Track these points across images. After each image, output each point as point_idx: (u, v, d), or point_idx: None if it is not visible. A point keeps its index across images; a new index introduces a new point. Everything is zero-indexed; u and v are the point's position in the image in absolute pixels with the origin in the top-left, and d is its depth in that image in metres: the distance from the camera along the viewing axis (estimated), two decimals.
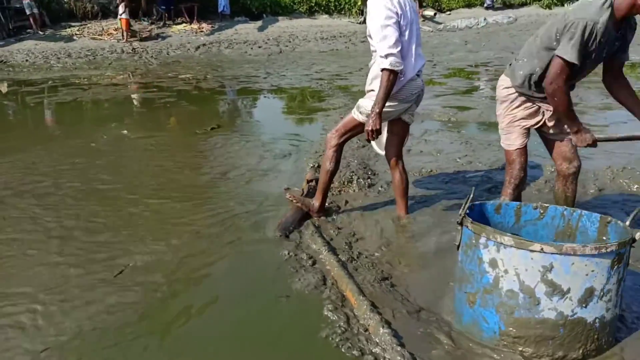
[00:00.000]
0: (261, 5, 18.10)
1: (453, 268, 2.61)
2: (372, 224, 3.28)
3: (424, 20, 18.26)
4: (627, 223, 2.00)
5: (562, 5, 20.29)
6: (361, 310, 2.19)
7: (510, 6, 20.03)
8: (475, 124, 5.90)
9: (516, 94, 2.64)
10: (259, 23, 17.47)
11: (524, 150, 2.69)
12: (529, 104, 2.63)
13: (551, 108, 2.58)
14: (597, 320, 1.91)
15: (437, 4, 19.73)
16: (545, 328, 1.91)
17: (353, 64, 11.97)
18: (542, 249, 1.83)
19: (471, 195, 2.11)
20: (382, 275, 2.57)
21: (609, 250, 1.82)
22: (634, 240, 1.90)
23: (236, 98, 8.74)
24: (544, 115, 2.65)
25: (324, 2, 18.59)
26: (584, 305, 1.88)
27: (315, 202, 3.35)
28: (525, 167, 2.72)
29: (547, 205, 2.33)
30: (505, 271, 1.92)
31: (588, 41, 2.25)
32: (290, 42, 15.90)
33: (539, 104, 2.62)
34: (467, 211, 2.07)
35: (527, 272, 1.88)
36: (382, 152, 3.44)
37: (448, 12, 19.64)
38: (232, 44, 15.30)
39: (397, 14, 2.79)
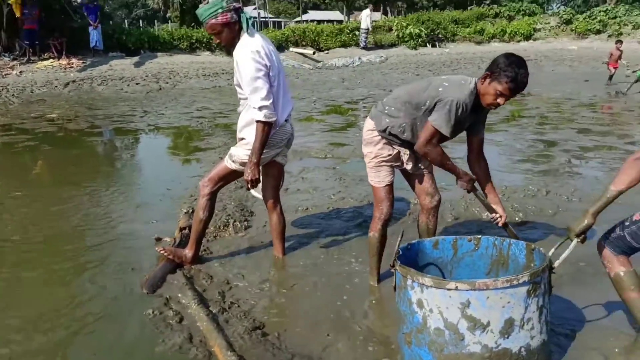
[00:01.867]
0: (138, 41, 17.48)
1: (328, 311, 2.69)
2: (247, 270, 3.24)
3: (304, 57, 18.99)
4: (551, 252, 2.17)
5: (425, 46, 22.40)
6: None
7: (382, 46, 21.62)
8: (349, 160, 6.18)
9: (379, 137, 2.81)
10: (136, 59, 16.81)
11: (391, 187, 2.86)
12: (390, 147, 2.82)
13: (408, 152, 2.79)
14: (522, 348, 1.99)
15: (315, 43, 20.65)
16: None
17: (235, 101, 11.93)
18: (456, 287, 1.94)
19: (400, 239, 2.19)
20: (254, 325, 2.53)
21: (521, 281, 1.94)
22: (551, 268, 2.09)
23: (108, 139, 8.25)
24: (403, 157, 2.85)
25: (205, 39, 18.49)
26: (506, 336, 1.97)
27: (189, 253, 3.24)
28: (393, 203, 2.89)
29: (479, 237, 2.48)
30: (431, 310, 2.00)
31: (459, 117, 2.54)
32: (170, 78, 15.49)
33: (398, 148, 2.82)
34: (399, 253, 2.17)
35: (449, 310, 1.97)
36: (260, 196, 3.45)
37: (326, 51, 20.63)
38: (106, 81, 14.50)
39: (266, 66, 2.87)
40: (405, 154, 2.83)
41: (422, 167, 2.90)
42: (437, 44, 22.67)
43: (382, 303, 2.87)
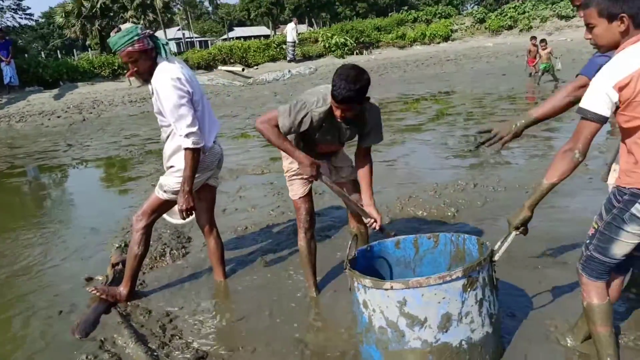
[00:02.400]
0: (56, 73, 16.69)
1: (275, 332, 2.65)
2: (188, 298, 3.15)
3: (234, 74, 18.87)
4: (497, 246, 2.17)
5: (352, 54, 22.92)
6: None
7: (310, 58, 21.89)
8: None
9: None
10: (55, 91, 16.02)
11: (307, 198, 2.87)
12: None
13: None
14: (463, 342, 2.05)
15: (244, 59, 20.60)
16: (416, 357, 2.05)
17: None
18: (392, 286, 2.01)
19: (350, 242, 2.32)
20: (197, 356, 2.46)
21: (454, 277, 1.99)
22: (492, 260, 2.13)
23: (31, 179, 7.79)
24: None
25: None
26: (444, 330, 2.02)
27: (123, 290, 3.11)
28: (311, 212, 2.89)
29: (437, 234, 2.56)
30: (374, 310, 2.09)
31: (301, 120, 2.53)
32: (94, 108, 14.89)
33: None
34: (351, 257, 2.25)
35: (388, 309, 2.04)
36: (177, 221, 3.33)
37: (255, 67, 20.62)
38: (24, 117, 13.71)
39: (188, 92, 2.82)
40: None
41: (343, 177, 2.94)
42: (364, 51, 23.23)
43: (327, 313, 2.88)
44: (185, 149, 2.82)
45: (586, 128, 1.84)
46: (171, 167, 3.02)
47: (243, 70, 19.33)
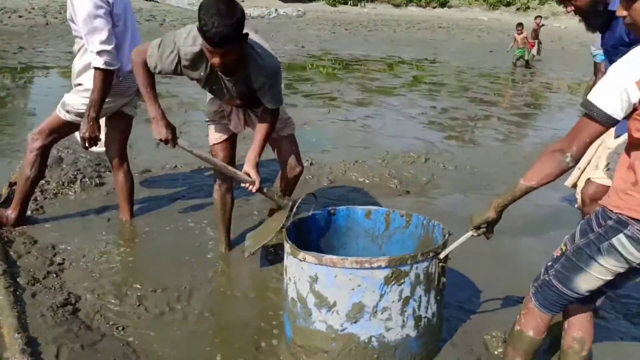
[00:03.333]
0: None
1: (167, 280, 2.42)
2: (82, 234, 2.87)
3: None
4: (454, 246, 1.88)
5: (346, 4, 22.06)
6: (12, 352, 1.80)
7: (301, 0, 20.98)
8: None
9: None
10: None
11: (224, 145, 2.56)
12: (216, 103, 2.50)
13: (228, 109, 2.50)
14: (373, 338, 1.82)
15: None
16: (319, 340, 1.86)
17: None
18: (304, 258, 1.80)
19: (295, 209, 2.18)
20: (66, 300, 2.20)
21: (374, 265, 1.73)
22: (437, 255, 1.85)
23: None
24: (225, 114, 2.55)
25: None
26: (353, 320, 1.80)
27: (12, 213, 2.82)
28: (229, 162, 2.55)
29: (411, 213, 2.27)
30: (290, 279, 1.93)
31: (169, 59, 2.15)
32: (60, 13, 13.91)
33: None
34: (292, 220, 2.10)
35: (300, 282, 1.86)
36: (102, 149, 3.03)
37: (242, 0, 19.64)
38: None
39: (108, 2, 2.47)
40: (225, 110, 2.54)
41: (279, 134, 2.63)
42: (353, 2, 22.37)
43: (230, 271, 2.66)
44: (95, 68, 2.49)
45: (587, 128, 1.47)
46: (79, 85, 2.68)
47: None
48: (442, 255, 1.86)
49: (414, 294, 1.82)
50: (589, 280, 1.58)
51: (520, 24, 12.24)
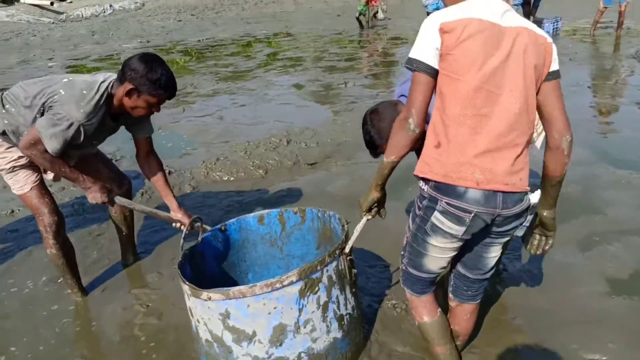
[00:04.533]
0: None
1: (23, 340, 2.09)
2: None
3: (42, 9, 16.04)
4: (351, 242, 1.81)
5: None
6: None
7: None
8: None
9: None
10: None
11: (41, 188, 2.27)
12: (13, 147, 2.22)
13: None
14: (302, 354, 1.73)
15: None
16: None
17: None
18: (210, 297, 1.65)
19: (182, 242, 2.02)
20: None
21: (286, 282, 1.61)
22: (342, 251, 1.78)
23: None
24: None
25: None
26: (278, 344, 1.68)
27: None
28: (54, 205, 2.29)
29: (304, 208, 2.21)
30: (198, 320, 1.77)
31: (74, 137, 2.00)
32: None
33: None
34: (182, 258, 1.92)
35: (211, 321, 1.71)
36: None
37: (69, 0, 17.80)
38: None
39: None
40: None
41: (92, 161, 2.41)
42: None
43: (92, 317, 2.39)
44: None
45: (416, 85, 1.46)
46: None
47: (52, 4, 16.56)
48: (347, 249, 1.81)
49: (332, 297, 1.77)
50: (434, 261, 1.62)
51: None
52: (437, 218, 1.51)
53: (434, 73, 1.45)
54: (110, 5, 17.28)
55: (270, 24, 14.83)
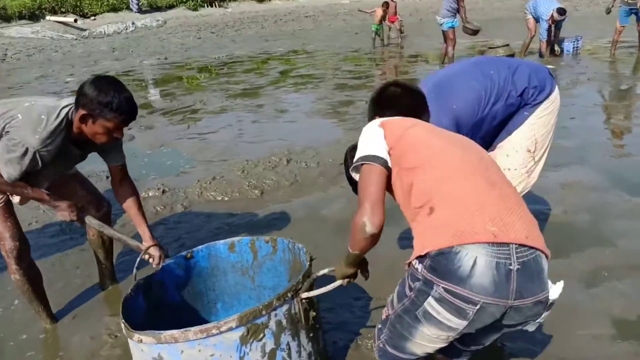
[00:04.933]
0: None
1: None
2: None
3: (65, 26, 16.45)
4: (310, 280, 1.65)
5: (211, 5, 21.38)
6: None
7: (158, 9, 19.97)
8: None
9: None
10: None
11: (6, 212, 2.16)
12: None
13: None
14: None
15: (78, 9, 18.05)
16: None
17: None
18: (141, 339, 1.52)
19: (135, 271, 1.92)
20: None
21: (223, 328, 1.46)
22: (297, 294, 1.58)
23: None
24: None
25: None
26: None
27: None
28: (16, 232, 2.18)
29: (275, 238, 2.09)
30: None
31: (31, 164, 1.91)
32: None
33: None
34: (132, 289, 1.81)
35: None
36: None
37: (93, 18, 18.23)
38: None
39: None
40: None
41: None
42: (215, 3, 21.78)
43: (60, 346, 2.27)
44: None
45: (366, 176, 1.37)
46: None
47: (76, 21, 16.98)
48: (303, 295, 1.61)
49: (280, 344, 1.59)
50: (419, 347, 1.39)
51: (386, 3, 12.52)
52: (431, 305, 1.26)
53: (384, 163, 1.43)
54: (133, 23, 17.63)
55: (288, 41, 14.88)
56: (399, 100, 1.65)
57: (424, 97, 1.69)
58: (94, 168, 4.22)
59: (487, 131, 2.04)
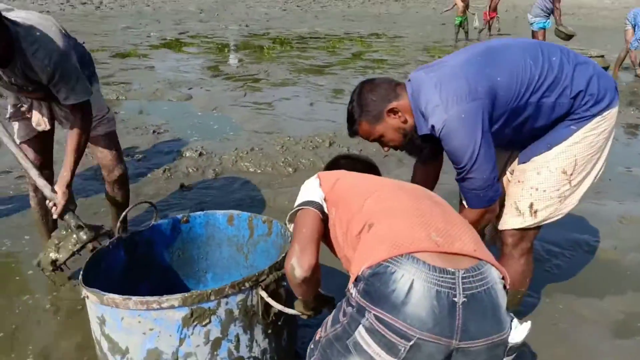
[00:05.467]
0: None
1: None
2: None
3: None
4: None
5: None
6: None
7: None
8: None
9: None
10: None
11: (36, 140, 2.23)
12: None
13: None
14: None
15: None
16: None
17: None
18: (87, 296, 1.50)
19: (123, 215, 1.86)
20: None
21: (165, 305, 1.40)
22: (257, 284, 1.48)
23: None
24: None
25: None
26: None
27: None
28: (43, 160, 2.25)
29: (271, 219, 2.00)
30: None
31: None
32: None
33: None
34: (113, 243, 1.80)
35: (92, 322, 1.59)
36: None
37: None
38: None
39: None
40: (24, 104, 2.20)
41: (101, 131, 2.26)
42: None
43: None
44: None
45: (300, 220, 1.29)
46: None
47: None
48: (263, 293, 1.47)
49: (228, 334, 1.49)
50: None
51: None
52: (361, 336, 1.08)
53: (319, 207, 1.36)
54: None
55: (370, 23, 14.57)
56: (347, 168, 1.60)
57: (374, 168, 1.67)
58: (155, 121, 4.29)
59: (522, 127, 1.75)
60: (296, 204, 1.36)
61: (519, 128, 1.74)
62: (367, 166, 1.64)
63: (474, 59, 1.69)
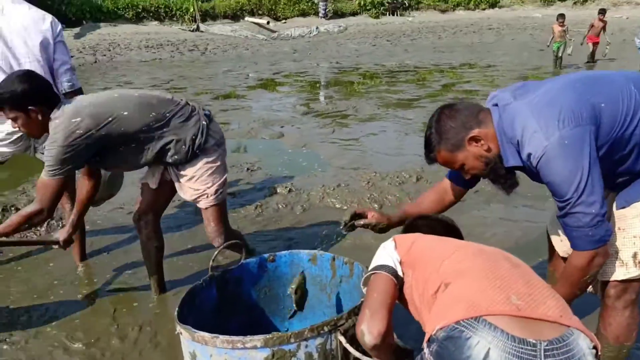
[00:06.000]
0: (79, 11, 16.61)
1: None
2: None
3: (259, 27, 18.27)
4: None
5: (393, 14, 21.70)
6: None
7: (343, 15, 20.94)
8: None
9: None
10: (77, 30, 16.01)
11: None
12: None
13: None
14: None
15: (272, 12, 19.90)
16: None
17: (169, 75, 11.42)
18: (181, 332, 1.61)
19: (215, 252, 1.97)
20: None
21: (248, 345, 1.46)
22: (336, 329, 1.52)
23: None
24: None
25: (153, 8, 17.65)
26: None
27: None
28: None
29: (353, 261, 2.05)
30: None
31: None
32: (109, 50, 14.79)
33: None
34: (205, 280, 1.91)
35: (186, 356, 1.67)
36: None
37: (284, 21, 19.91)
38: None
39: None
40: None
41: (202, 205, 2.41)
42: (397, 12, 21.97)
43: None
44: None
45: (371, 286, 1.32)
46: None
47: (268, 23, 18.72)
48: (342, 339, 1.49)
49: None
50: None
51: (561, 15, 11.36)
52: None
53: (394, 272, 1.37)
54: (317, 27, 18.79)
55: (462, 54, 14.35)
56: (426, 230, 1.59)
57: (455, 230, 1.63)
58: (249, 159, 4.56)
59: (624, 162, 1.57)
60: (370, 267, 1.37)
61: (620, 163, 1.60)
62: (447, 228, 1.60)
63: (572, 85, 1.57)
